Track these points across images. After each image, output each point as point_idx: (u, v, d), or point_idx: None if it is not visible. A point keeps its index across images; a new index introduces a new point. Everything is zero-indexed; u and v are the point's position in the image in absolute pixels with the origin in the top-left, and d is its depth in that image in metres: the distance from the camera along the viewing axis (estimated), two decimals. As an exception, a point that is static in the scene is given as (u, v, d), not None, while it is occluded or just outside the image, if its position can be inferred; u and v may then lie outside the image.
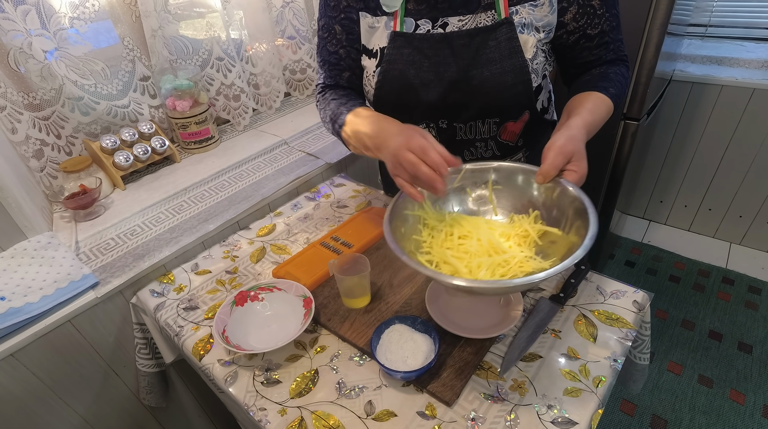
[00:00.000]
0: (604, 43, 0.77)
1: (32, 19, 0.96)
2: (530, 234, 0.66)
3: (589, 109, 0.70)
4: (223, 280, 0.90)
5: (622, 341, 0.70)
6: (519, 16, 0.72)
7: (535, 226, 0.67)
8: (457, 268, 0.61)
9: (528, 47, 0.73)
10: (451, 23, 0.74)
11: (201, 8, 1.24)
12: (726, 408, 1.44)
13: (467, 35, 0.73)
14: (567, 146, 0.62)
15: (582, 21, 0.74)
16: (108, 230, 1.01)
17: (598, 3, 0.73)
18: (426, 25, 0.75)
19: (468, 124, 0.80)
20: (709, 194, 2.05)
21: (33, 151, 1.05)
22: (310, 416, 0.63)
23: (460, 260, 0.62)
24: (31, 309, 0.80)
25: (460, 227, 0.68)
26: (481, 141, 0.82)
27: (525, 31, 0.72)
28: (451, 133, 0.82)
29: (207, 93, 1.34)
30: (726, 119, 1.85)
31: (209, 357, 0.74)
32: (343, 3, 0.80)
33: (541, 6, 0.72)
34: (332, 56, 0.84)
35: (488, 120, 0.79)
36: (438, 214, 0.71)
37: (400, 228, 0.66)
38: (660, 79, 1.54)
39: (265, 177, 1.18)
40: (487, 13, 0.72)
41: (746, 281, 1.90)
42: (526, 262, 0.62)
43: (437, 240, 0.67)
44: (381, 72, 0.78)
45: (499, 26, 0.71)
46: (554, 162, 0.62)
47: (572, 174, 0.63)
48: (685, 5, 1.45)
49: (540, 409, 0.62)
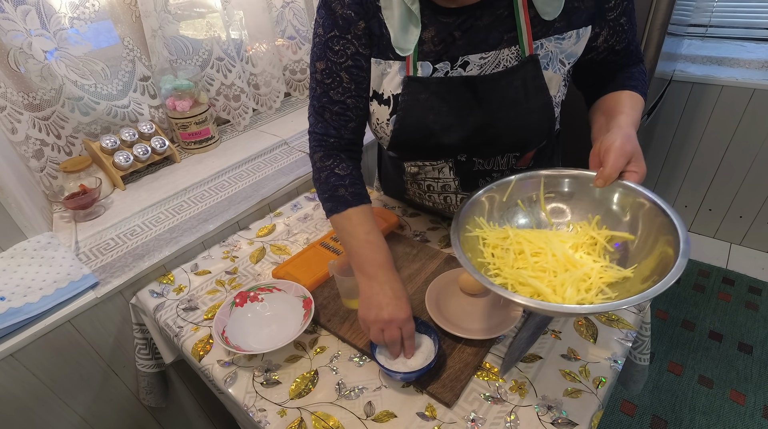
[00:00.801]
0: (629, 52, 0.74)
1: (32, 19, 0.96)
2: (599, 241, 0.62)
3: (631, 107, 0.68)
4: (222, 281, 0.90)
5: (622, 342, 0.70)
6: (544, 50, 0.67)
7: (602, 232, 0.62)
8: (540, 290, 0.56)
9: (553, 84, 0.69)
10: (471, 62, 0.68)
11: (201, 8, 1.24)
12: (726, 408, 1.44)
13: (491, 80, 0.68)
14: (626, 146, 0.59)
15: (612, 40, 0.71)
16: (108, 230, 1.01)
17: (625, 20, 0.70)
18: (444, 67, 0.69)
19: (488, 159, 0.78)
20: (710, 194, 2.05)
21: (33, 151, 1.05)
22: (309, 417, 0.63)
23: (540, 280, 0.57)
24: (31, 309, 0.80)
25: (530, 243, 0.62)
26: (498, 171, 0.80)
27: (550, 67, 0.68)
28: (468, 166, 0.79)
29: (207, 93, 1.34)
30: (726, 119, 1.85)
31: (209, 357, 0.74)
32: (351, 49, 0.70)
33: (569, 38, 0.67)
34: (337, 105, 0.74)
35: (509, 154, 0.77)
36: (500, 231, 0.65)
37: (466, 252, 0.60)
38: (660, 80, 1.53)
39: (265, 177, 1.18)
40: (510, 49, 0.67)
41: (746, 282, 1.90)
42: (605, 273, 0.58)
43: (506, 260, 0.61)
44: (397, 121, 0.72)
45: (524, 65, 0.66)
46: (616, 164, 0.59)
47: (633, 175, 0.59)
48: (685, 5, 1.45)
49: (540, 410, 0.61)
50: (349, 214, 0.73)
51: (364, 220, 0.73)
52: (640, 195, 0.59)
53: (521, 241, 0.63)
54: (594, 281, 0.57)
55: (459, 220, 0.62)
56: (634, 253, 0.59)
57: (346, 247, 0.73)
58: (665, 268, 0.51)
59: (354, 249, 0.71)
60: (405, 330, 0.65)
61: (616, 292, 0.55)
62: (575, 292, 0.55)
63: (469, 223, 0.65)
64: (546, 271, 0.59)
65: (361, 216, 0.73)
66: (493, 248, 0.64)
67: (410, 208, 1.05)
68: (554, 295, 0.55)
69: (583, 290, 0.56)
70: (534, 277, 0.58)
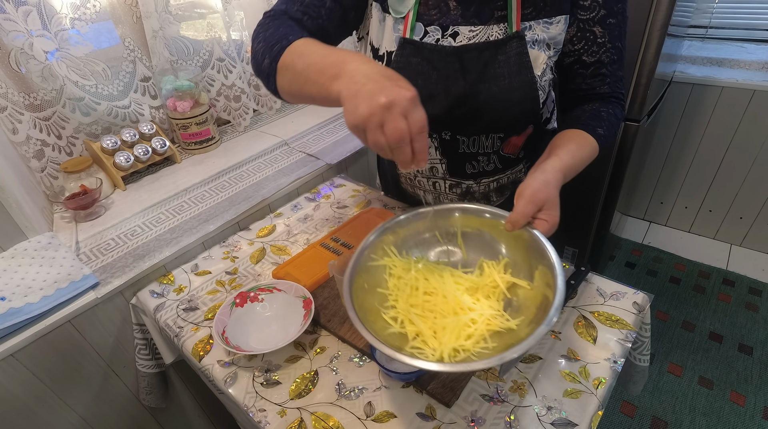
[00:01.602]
0: (600, 74, 0.73)
1: (33, 20, 0.97)
2: (500, 285, 0.62)
3: (570, 151, 0.67)
4: (222, 281, 0.90)
5: (622, 342, 0.70)
6: (532, 32, 0.68)
7: (504, 277, 0.62)
8: (421, 330, 0.56)
9: (538, 63, 0.69)
10: (461, 33, 0.70)
11: (202, 9, 1.25)
12: (726, 410, 1.44)
13: (476, 49, 0.69)
14: (538, 194, 0.59)
15: (579, 45, 0.71)
16: (108, 231, 1.01)
17: (600, 32, 0.70)
18: (435, 33, 0.70)
19: (471, 138, 0.77)
20: (710, 196, 2.05)
21: (34, 152, 1.05)
22: (309, 417, 0.63)
23: (424, 320, 0.57)
24: (31, 309, 0.80)
25: (426, 282, 0.62)
26: (484, 155, 0.79)
27: (536, 47, 0.69)
28: (454, 146, 0.79)
29: (208, 94, 1.35)
30: (726, 121, 1.85)
31: (209, 358, 0.74)
32: None
33: (556, 24, 0.69)
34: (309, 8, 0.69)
35: (492, 134, 0.77)
36: (404, 261, 0.65)
37: (363, 284, 0.60)
38: (660, 81, 1.53)
39: (266, 178, 1.18)
40: (499, 25, 0.69)
41: (747, 283, 1.90)
42: (493, 320, 0.57)
43: (403, 293, 0.61)
44: None
45: (509, 40, 0.68)
46: (524, 211, 0.59)
47: (542, 223, 0.59)
48: (685, 7, 1.45)
49: (540, 411, 0.61)
50: (304, 41, 0.60)
51: (324, 44, 0.60)
52: (540, 244, 0.58)
53: (419, 278, 0.63)
54: (479, 328, 0.56)
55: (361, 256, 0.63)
56: (525, 302, 0.58)
57: (307, 71, 0.56)
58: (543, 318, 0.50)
59: (319, 58, 0.55)
60: (412, 118, 0.48)
61: (495, 343, 0.54)
62: (454, 338, 0.55)
63: (377, 252, 0.65)
64: (434, 313, 0.59)
65: (319, 42, 0.61)
66: (398, 279, 0.63)
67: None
68: (433, 339, 0.55)
69: (464, 337, 0.55)
70: (421, 316, 0.58)
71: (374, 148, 0.49)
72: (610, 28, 0.70)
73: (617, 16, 0.70)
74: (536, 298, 0.56)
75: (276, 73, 0.62)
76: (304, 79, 0.57)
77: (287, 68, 0.60)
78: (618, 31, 0.71)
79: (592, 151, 0.71)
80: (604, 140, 0.72)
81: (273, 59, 0.62)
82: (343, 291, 0.57)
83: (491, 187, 0.84)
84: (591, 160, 0.72)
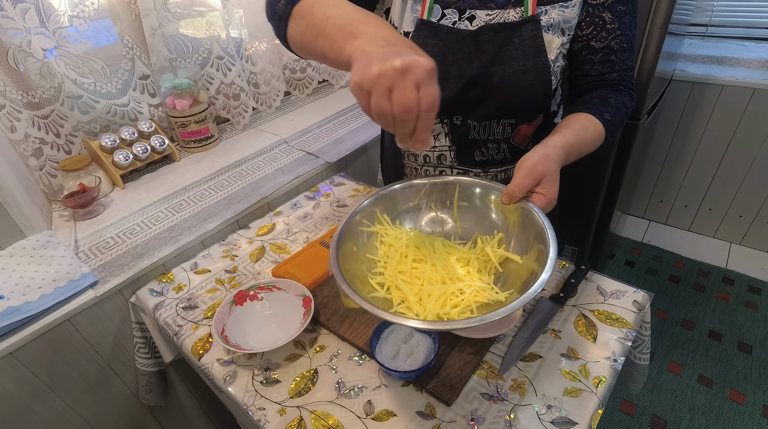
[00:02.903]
0: (609, 60, 0.73)
1: (31, 18, 0.96)
2: (492, 259, 0.61)
3: (574, 130, 0.66)
4: (222, 280, 0.89)
5: (622, 341, 0.70)
6: (547, 16, 0.69)
7: (497, 252, 0.62)
8: (407, 296, 0.56)
9: (552, 48, 0.70)
10: (478, 17, 0.70)
11: (201, 7, 1.24)
12: (726, 408, 1.44)
13: (491, 30, 0.69)
14: (537, 167, 0.58)
15: (588, 30, 0.71)
16: (107, 229, 1.01)
17: (610, 17, 0.70)
18: (453, 16, 0.70)
19: (483, 124, 0.76)
20: (710, 194, 2.05)
21: (32, 150, 1.05)
22: (309, 416, 0.63)
23: (411, 286, 0.57)
24: (30, 308, 0.79)
25: (416, 250, 0.62)
26: (494, 142, 0.79)
27: (550, 32, 0.69)
28: (464, 131, 0.78)
29: (207, 92, 1.34)
30: (726, 119, 1.85)
31: (208, 356, 0.74)
32: None
33: (572, 7, 0.69)
34: None
35: (504, 120, 0.76)
36: (397, 230, 0.66)
37: (352, 247, 0.61)
38: (660, 79, 1.53)
39: (265, 176, 1.18)
40: (516, 9, 0.69)
41: (746, 281, 1.90)
42: (481, 292, 0.57)
43: (392, 260, 0.61)
44: None
45: (524, 23, 0.68)
46: (522, 183, 0.58)
47: (540, 197, 0.58)
48: (685, 5, 1.45)
49: (540, 409, 0.61)
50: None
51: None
52: (536, 219, 0.57)
53: (409, 246, 0.63)
54: (466, 299, 0.56)
55: (354, 218, 0.63)
56: (518, 276, 0.58)
57: (324, 22, 0.52)
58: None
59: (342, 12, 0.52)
60: (425, 91, 0.43)
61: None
62: (439, 305, 0.55)
63: (370, 219, 0.65)
64: (421, 279, 0.58)
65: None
66: (388, 247, 0.63)
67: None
68: (417, 305, 0.55)
69: (450, 306, 0.55)
70: (408, 282, 0.58)
71: (375, 116, 0.45)
72: (619, 15, 0.70)
73: (627, 3, 0.70)
74: (527, 273, 0.56)
75: (290, 18, 0.58)
76: (318, 30, 0.53)
77: (303, 15, 0.56)
78: (628, 19, 0.71)
79: (597, 134, 0.70)
80: (611, 126, 0.71)
81: (284, 9, 0.58)
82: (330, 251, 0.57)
83: (498, 178, 0.84)
84: (597, 144, 0.71)
